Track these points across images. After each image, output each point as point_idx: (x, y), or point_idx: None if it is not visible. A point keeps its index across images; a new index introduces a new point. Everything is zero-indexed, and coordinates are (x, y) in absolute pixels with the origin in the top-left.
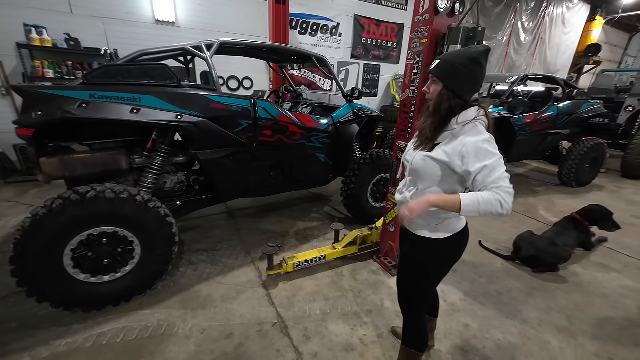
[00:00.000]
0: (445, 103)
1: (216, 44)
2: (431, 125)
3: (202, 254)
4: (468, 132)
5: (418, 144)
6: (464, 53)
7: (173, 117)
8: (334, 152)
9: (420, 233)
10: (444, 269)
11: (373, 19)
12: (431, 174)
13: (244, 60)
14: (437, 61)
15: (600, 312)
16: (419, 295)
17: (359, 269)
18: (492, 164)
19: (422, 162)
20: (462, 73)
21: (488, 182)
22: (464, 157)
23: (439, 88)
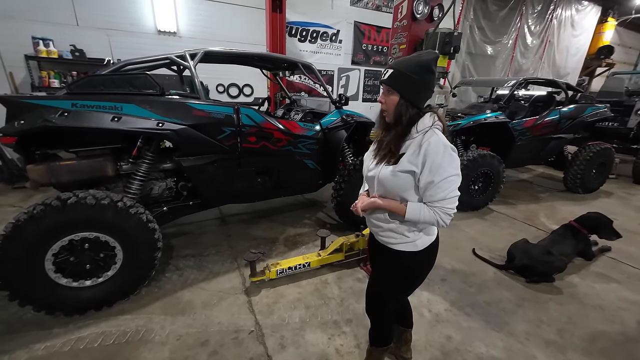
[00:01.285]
0: (406, 114)
1: (200, 52)
2: (394, 138)
3: (189, 259)
4: (429, 139)
5: (380, 157)
6: (415, 61)
7: (154, 124)
8: (322, 158)
9: (397, 247)
10: (420, 279)
11: (374, 25)
12: (401, 186)
13: (244, 68)
14: (389, 71)
15: (594, 325)
16: (393, 303)
17: (344, 276)
18: (440, 183)
19: (391, 177)
20: (415, 82)
21: (432, 199)
22: (427, 169)
23: (396, 99)
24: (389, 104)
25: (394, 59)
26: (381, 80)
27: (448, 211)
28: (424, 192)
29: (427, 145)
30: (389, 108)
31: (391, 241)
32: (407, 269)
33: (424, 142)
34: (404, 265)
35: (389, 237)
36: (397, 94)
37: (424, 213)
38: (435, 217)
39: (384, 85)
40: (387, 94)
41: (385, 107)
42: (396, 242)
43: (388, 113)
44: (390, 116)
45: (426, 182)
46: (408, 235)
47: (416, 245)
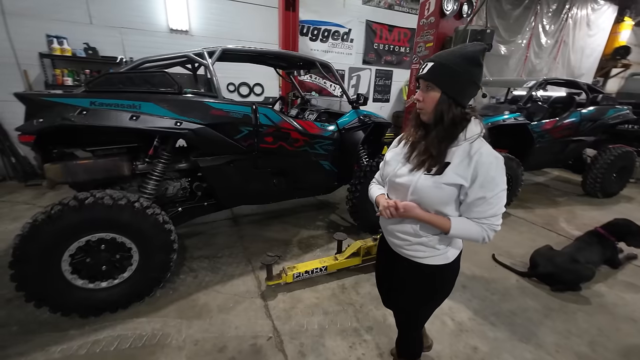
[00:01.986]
0: (448, 113)
1: (218, 50)
2: (435, 141)
3: (203, 261)
4: (479, 150)
5: (417, 163)
6: (459, 53)
7: (172, 124)
8: (338, 160)
9: (427, 261)
10: (450, 289)
11: (385, 24)
12: (443, 199)
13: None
14: (429, 64)
15: (627, 338)
16: (425, 317)
17: (361, 281)
18: (492, 199)
19: (433, 189)
20: (460, 76)
21: (481, 215)
22: (478, 184)
23: (437, 95)
24: (427, 101)
25: (420, 58)
26: (419, 75)
27: (496, 227)
28: (471, 208)
29: (479, 156)
30: (427, 106)
31: (420, 255)
32: (440, 282)
33: (474, 152)
34: (436, 279)
35: (418, 251)
36: (438, 89)
37: (472, 229)
38: (482, 233)
39: (422, 80)
40: (425, 90)
41: (423, 106)
42: (425, 255)
43: (426, 112)
44: (428, 115)
45: (476, 198)
46: (439, 248)
47: (447, 257)
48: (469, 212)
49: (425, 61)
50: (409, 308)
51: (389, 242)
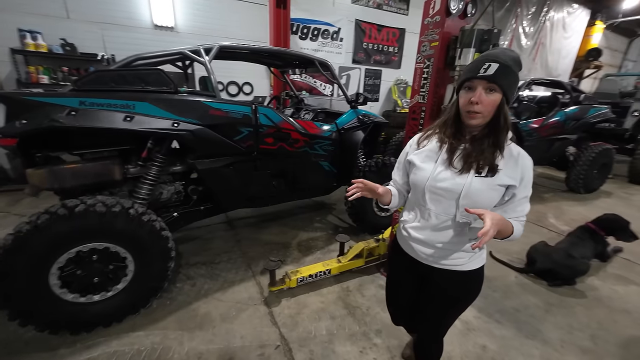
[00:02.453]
0: (508, 116)
1: (215, 48)
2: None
3: (200, 267)
4: (519, 151)
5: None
6: (510, 55)
7: (169, 124)
8: (338, 160)
9: (467, 267)
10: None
11: (374, 23)
12: (494, 200)
13: (244, 65)
14: (494, 64)
15: (625, 330)
16: (453, 323)
17: (365, 283)
18: (529, 195)
19: (488, 191)
20: (517, 80)
21: (520, 214)
22: (524, 184)
23: (498, 99)
24: (487, 104)
25: (425, 57)
26: (481, 75)
27: (524, 223)
28: (514, 208)
29: (523, 159)
30: (487, 109)
31: (459, 262)
32: (476, 284)
33: (517, 154)
34: (475, 282)
35: (458, 259)
36: (500, 92)
37: (519, 228)
38: (522, 230)
39: (482, 81)
40: (486, 92)
41: (482, 109)
42: (465, 261)
43: (483, 115)
44: (485, 119)
45: (521, 197)
46: (476, 251)
47: (483, 259)
48: (512, 212)
49: (486, 61)
50: (442, 319)
51: (418, 256)
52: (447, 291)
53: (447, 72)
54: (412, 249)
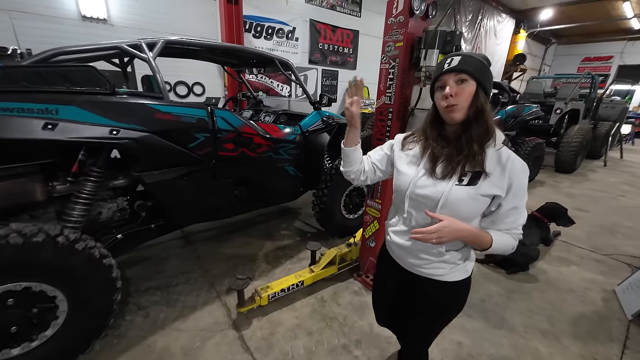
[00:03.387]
0: (486, 105)
1: (160, 43)
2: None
3: (154, 293)
4: (509, 156)
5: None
6: (477, 53)
7: (105, 132)
8: (303, 164)
9: (448, 278)
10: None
11: (329, 24)
12: (477, 211)
13: (193, 64)
14: (455, 58)
15: (573, 308)
16: (439, 332)
17: (340, 290)
18: (521, 208)
19: (469, 201)
20: (489, 71)
21: (511, 226)
22: (512, 193)
23: (472, 88)
24: (462, 95)
25: (390, 57)
26: (447, 69)
27: (519, 236)
28: (502, 219)
29: (512, 165)
30: (463, 100)
31: (440, 272)
32: (460, 296)
33: (506, 160)
34: (457, 293)
35: (438, 269)
36: (473, 81)
37: (507, 241)
38: (513, 243)
39: (451, 74)
40: (457, 84)
41: (458, 100)
42: (446, 272)
43: (461, 107)
44: (464, 111)
45: (509, 208)
46: (459, 263)
47: (467, 271)
48: (500, 224)
49: (450, 57)
50: (427, 327)
51: (400, 260)
52: (429, 301)
53: (413, 72)
54: (394, 254)
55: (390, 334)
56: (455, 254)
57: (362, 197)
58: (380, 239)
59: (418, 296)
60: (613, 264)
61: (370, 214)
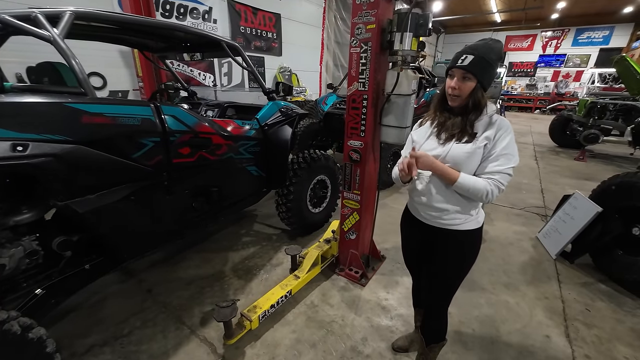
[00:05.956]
0: (483, 99)
1: (67, 15)
2: (469, 121)
3: (101, 352)
4: (498, 117)
5: (447, 136)
6: (491, 48)
7: (4, 150)
8: (265, 162)
9: (463, 227)
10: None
11: (249, 5)
12: (474, 162)
13: (88, 48)
14: (469, 57)
15: (517, 258)
16: (457, 286)
17: (327, 290)
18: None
19: (468, 154)
20: (492, 70)
21: (493, 169)
22: (497, 140)
23: (473, 85)
24: (463, 89)
25: (361, 41)
26: (458, 65)
27: (501, 185)
28: (486, 164)
29: (500, 121)
30: (463, 93)
31: (456, 222)
32: (475, 246)
33: (495, 119)
34: (472, 243)
35: (454, 219)
36: (475, 80)
37: (478, 182)
38: (487, 187)
39: (461, 70)
40: (462, 80)
41: (459, 93)
42: (461, 222)
43: (461, 98)
44: (462, 101)
45: (493, 153)
46: (472, 214)
47: (478, 222)
48: (484, 168)
49: (464, 53)
50: (447, 275)
51: (423, 216)
52: (449, 248)
53: (386, 56)
54: (417, 210)
55: (391, 323)
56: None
57: (325, 190)
58: (361, 230)
59: (440, 246)
60: (528, 216)
61: (348, 206)
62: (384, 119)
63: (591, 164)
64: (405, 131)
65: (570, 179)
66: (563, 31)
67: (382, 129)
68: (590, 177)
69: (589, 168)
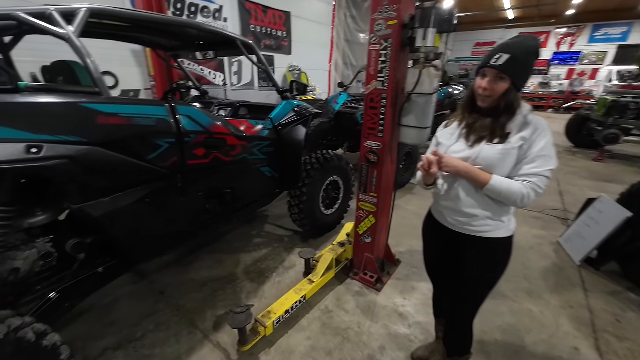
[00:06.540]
0: (516, 101)
1: (82, 12)
2: (505, 123)
3: (115, 355)
4: (533, 116)
5: (476, 138)
6: (528, 47)
7: (17, 152)
8: (278, 162)
9: (494, 234)
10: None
11: (259, 4)
12: (508, 164)
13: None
14: (504, 56)
15: (538, 264)
16: (485, 297)
17: (341, 295)
18: (542, 158)
19: (501, 156)
20: (528, 71)
21: (529, 171)
22: (534, 141)
23: (506, 85)
24: (496, 90)
25: (380, 37)
26: (492, 65)
27: (538, 189)
28: (522, 166)
29: (537, 121)
30: (494, 94)
31: (486, 229)
32: (503, 255)
33: (531, 119)
34: (504, 252)
35: (485, 226)
36: (509, 80)
37: (513, 184)
38: (523, 190)
39: (494, 70)
40: (494, 80)
41: (490, 93)
42: (492, 229)
43: (492, 99)
44: (492, 102)
45: (530, 155)
46: (503, 220)
47: (510, 230)
48: (519, 170)
49: (498, 51)
50: (475, 286)
51: (449, 222)
52: (477, 258)
53: (406, 54)
54: (442, 215)
55: (409, 332)
56: (500, 211)
57: (338, 191)
58: (377, 234)
59: (468, 254)
60: (547, 219)
61: (364, 209)
62: (404, 119)
63: (610, 164)
64: (426, 132)
65: (589, 181)
66: (578, 28)
67: (402, 129)
68: (610, 178)
69: (608, 169)
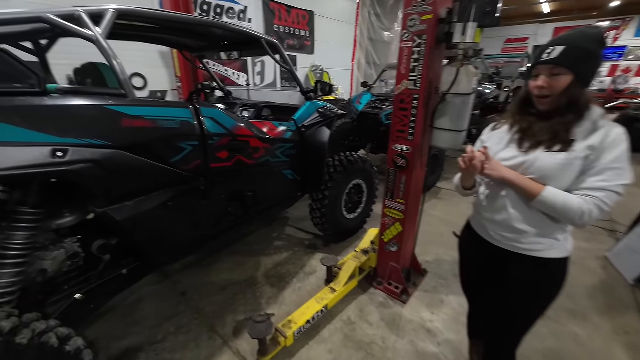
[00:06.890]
0: (583, 97)
1: (110, 13)
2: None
3: (136, 357)
4: (607, 123)
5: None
6: (588, 34)
7: (43, 156)
8: (301, 165)
9: (547, 254)
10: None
11: (283, 4)
12: (569, 175)
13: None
14: (558, 47)
15: (583, 281)
16: (532, 326)
17: (364, 306)
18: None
19: (561, 165)
20: (593, 60)
21: (593, 185)
22: (603, 150)
23: (568, 80)
24: (555, 87)
25: (414, 34)
26: (543, 61)
27: (603, 206)
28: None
29: (609, 127)
30: (554, 91)
31: (537, 247)
32: (560, 279)
33: (601, 124)
34: (557, 275)
35: (536, 244)
36: (570, 74)
37: (570, 197)
38: (583, 206)
39: (547, 66)
40: (550, 76)
41: (550, 92)
42: (544, 248)
43: (551, 99)
44: (553, 103)
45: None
46: (558, 238)
47: (567, 250)
48: (581, 182)
49: (551, 45)
50: (523, 311)
51: (490, 236)
52: (526, 280)
53: (441, 50)
54: (484, 228)
55: (438, 350)
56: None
57: (361, 195)
58: (404, 242)
59: (514, 275)
60: (591, 230)
61: (390, 216)
62: (437, 121)
63: None
64: (462, 135)
65: (638, 188)
66: (624, 20)
67: (435, 132)
68: None
69: None
